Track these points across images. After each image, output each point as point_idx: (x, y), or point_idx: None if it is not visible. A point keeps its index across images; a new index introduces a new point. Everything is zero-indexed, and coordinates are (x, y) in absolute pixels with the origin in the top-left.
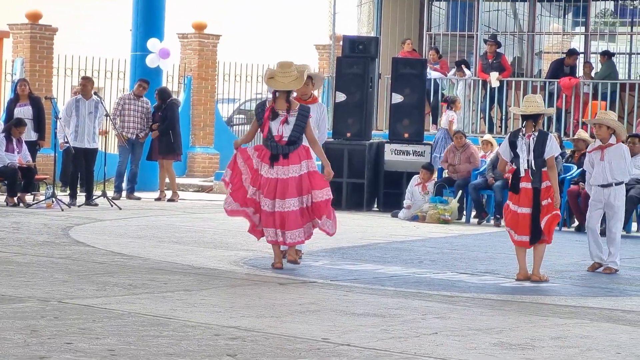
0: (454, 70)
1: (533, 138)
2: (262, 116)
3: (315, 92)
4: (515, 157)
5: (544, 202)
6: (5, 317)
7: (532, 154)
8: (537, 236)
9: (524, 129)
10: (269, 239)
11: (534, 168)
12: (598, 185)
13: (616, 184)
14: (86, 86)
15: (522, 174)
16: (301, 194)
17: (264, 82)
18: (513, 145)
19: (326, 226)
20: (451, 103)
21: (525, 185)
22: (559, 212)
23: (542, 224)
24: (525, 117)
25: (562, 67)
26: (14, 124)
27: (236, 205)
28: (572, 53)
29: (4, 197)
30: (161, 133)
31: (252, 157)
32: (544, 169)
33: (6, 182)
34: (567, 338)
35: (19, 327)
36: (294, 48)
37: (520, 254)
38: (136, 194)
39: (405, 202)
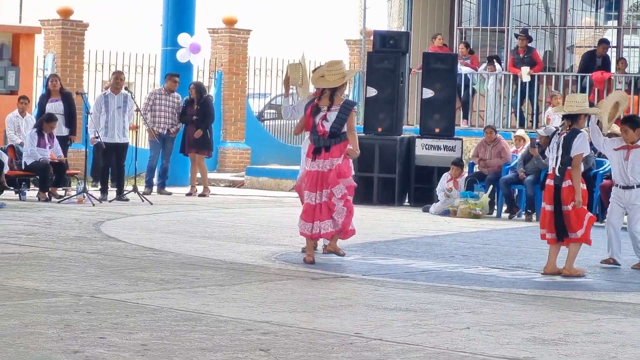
0: (484, 65)
1: (564, 136)
2: (305, 111)
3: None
4: (548, 155)
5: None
6: (39, 311)
7: (560, 151)
8: (562, 233)
9: (560, 128)
10: (303, 231)
11: (560, 165)
12: (619, 187)
13: (637, 186)
14: (119, 80)
15: (550, 170)
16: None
17: (312, 82)
18: (550, 144)
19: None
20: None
21: (549, 182)
22: (586, 211)
23: (571, 224)
24: (564, 116)
25: (593, 59)
26: (45, 119)
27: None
28: (603, 42)
29: (36, 192)
30: (198, 128)
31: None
32: (570, 168)
33: (38, 177)
34: (601, 333)
35: (53, 321)
36: (325, 43)
37: (551, 249)
38: (167, 189)
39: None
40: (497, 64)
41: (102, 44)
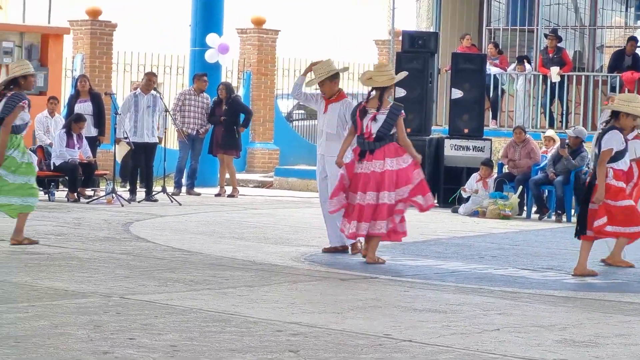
0: (513, 65)
1: (599, 134)
2: (353, 116)
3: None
4: None
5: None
6: (69, 312)
7: (596, 149)
8: (582, 229)
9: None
10: (348, 232)
11: (594, 162)
12: None
13: None
14: (152, 82)
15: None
16: (380, 190)
17: (361, 82)
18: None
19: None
20: None
21: (590, 179)
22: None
23: (597, 222)
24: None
25: (622, 57)
26: (74, 120)
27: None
28: (632, 39)
29: (65, 192)
30: (226, 128)
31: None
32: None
33: (67, 177)
34: (632, 335)
35: (83, 322)
36: (353, 43)
37: (582, 247)
38: (196, 189)
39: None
40: (526, 64)
41: (130, 45)
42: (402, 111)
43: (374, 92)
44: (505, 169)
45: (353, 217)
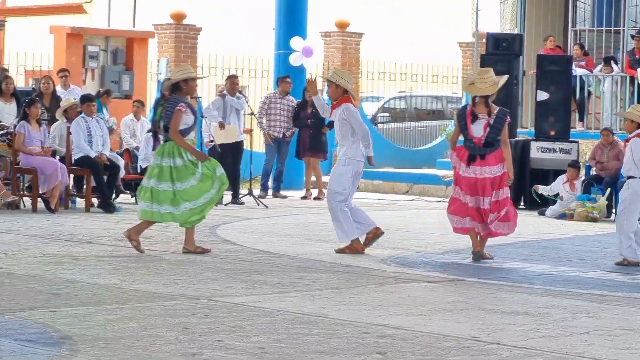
0: (600, 66)
1: None
2: (462, 119)
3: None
4: None
5: None
6: (157, 314)
7: None
8: None
9: None
10: (463, 226)
11: None
12: None
13: None
14: (234, 85)
15: None
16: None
17: (463, 88)
18: None
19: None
20: None
21: None
22: None
23: None
24: None
25: None
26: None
27: (458, 221)
28: None
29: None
30: (313, 131)
31: (451, 157)
32: None
33: None
34: None
35: (171, 324)
36: (437, 46)
37: None
38: (282, 192)
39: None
40: (613, 65)
41: (215, 48)
42: (508, 116)
43: (477, 98)
44: (593, 171)
45: (473, 217)
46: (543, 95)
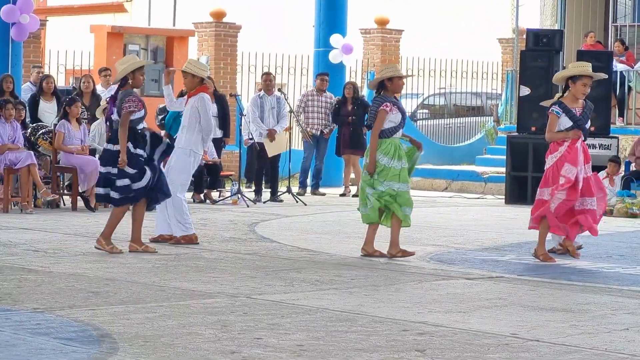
0: None
1: None
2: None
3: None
4: None
5: None
6: (196, 312)
7: None
8: None
9: None
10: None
11: None
12: None
13: None
14: (268, 82)
15: None
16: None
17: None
18: None
19: None
20: None
21: None
22: None
23: None
24: None
25: None
26: None
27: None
28: None
29: (191, 193)
30: (353, 128)
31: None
32: None
33: (193, 179)
34: None
35: (210, 322)
36: (478, 42)
37: None
38: (321, 189)
39: None
40: None
41: (255, 46)
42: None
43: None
44: (633, 167)
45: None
46: None
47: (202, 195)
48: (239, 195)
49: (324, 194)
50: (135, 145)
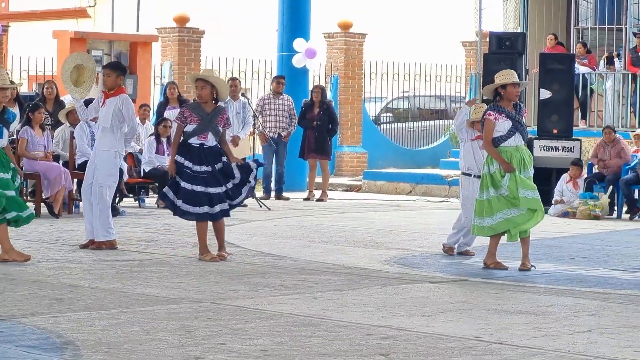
0: (602, 63)
1: None
2: None
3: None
4: None
5: None
6: (160, 318)
7: None
8: None
9: None
10: None
11: None
12: None
13: None
14: (234, 87)
15: None
16: None
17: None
18: None
19: None
20: None
21: None
22: None
23: None
24: None
25: None
26: (158, 124)
27: None
28: None
29: (155, 199)
30: (319, 132)
31: None
32: None
33: (157, 184)
34: None
35: (174, 327)
36: (440, 45)
37: None
38: (285, 194)
39: (555, 199)
40: (616, 63)
41: (218, 51)
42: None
43: None
44: (595, 169)
45: None
46: (546, 94)
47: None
48: None
49: (287, 199)
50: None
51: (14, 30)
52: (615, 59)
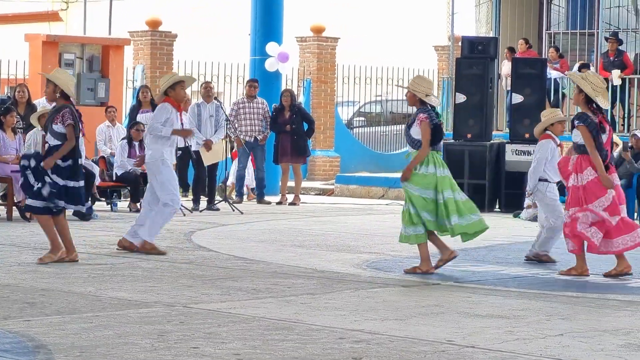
0: (575, 68)
1: None
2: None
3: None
4: None
5: None
6: (132, 322)
7: None
8: None
9: None
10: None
11: None
12: None
13: None
14: (208, 89)
15: None
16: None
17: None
18: None
19: None
20: None
21: None
22: None
23: None
24: None
25: None
26: (131, 127)
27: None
28: None
29: (127, 203)
30: (293, 137)
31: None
32: None
33: (129, 188)
34: None
35: (146, 331)
36: (413, 49)
37: None
38: (266, 198)
39: (526, 202)
40: (591, 67)
41: (190, 55)
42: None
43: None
44: None
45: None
46: (517, 98)
47: (138, 205)
48: None
49: (269, 203)
50: None
51: None
52: (591, 66)
